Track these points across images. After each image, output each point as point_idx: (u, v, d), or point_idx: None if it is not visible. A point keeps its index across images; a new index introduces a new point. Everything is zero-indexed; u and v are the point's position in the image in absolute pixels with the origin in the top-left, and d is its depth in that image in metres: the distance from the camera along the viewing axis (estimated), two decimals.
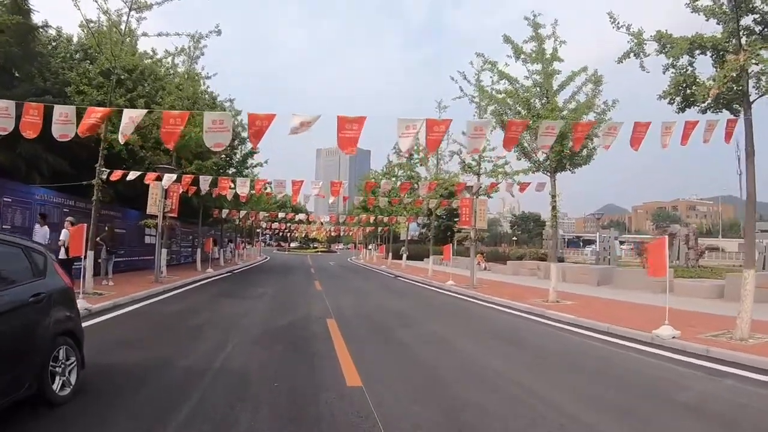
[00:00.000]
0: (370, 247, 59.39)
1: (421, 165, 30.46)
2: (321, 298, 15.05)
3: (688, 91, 10.50)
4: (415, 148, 32.73)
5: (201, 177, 18.20)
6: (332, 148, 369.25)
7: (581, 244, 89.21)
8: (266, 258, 51.40)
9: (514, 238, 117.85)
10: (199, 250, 26.31)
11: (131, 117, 10.76)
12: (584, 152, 15.66)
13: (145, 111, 11.70)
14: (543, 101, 15.91)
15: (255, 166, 31.84)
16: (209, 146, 10.83)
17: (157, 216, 18.09)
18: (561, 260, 45.98)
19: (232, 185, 21.40)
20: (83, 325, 5.85)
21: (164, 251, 20.17)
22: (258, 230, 55.99)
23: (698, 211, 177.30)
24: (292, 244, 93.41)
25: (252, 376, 6.10)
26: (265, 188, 29.18)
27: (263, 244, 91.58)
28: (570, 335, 10.03)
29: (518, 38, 15.67)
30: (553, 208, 15.95)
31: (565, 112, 15.55)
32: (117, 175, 16.06)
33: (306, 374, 6.18)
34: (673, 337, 9.01)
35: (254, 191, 27.13)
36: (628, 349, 8.62)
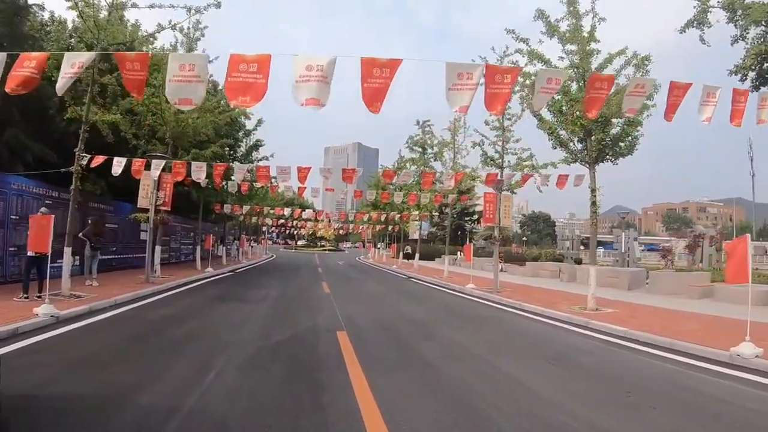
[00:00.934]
0: (378, 245, 57.69)
1: (436, 159, 28.73)
2: (329, 303, 13.28)
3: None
4: (429, 142, 31.31)
5: (194, 164, 16.32)
6: (340, 146, 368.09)
7: (612, 246, 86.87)
8: (272, 256, 49.71)
9: (524, 239, 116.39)
10: (198, 248, 24.60)
11: (75, 63, 8.42)
12: (628, 140, 14.11)
13: (92, 55, 9.32)
14: (580, 84, 14.27)
15: (261, 160, 30.14)
16: (172, 101, 8.53)
17: (148, 209, 16.38)
18: (578, 262, 44.35)
19: (232, 178, 19.73)
20: (42, 336, 4.10)
21: (158, 249, 18.49)
22: (264, 228, 54.24)
23: (708, 213, 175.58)
24: (299, 243, 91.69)
25: (235, 425, 4.33)
26: (270, 182, 27.53)
27: (270, 242, 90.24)
28: (628, 353, 8.27)
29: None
30: (593, 203, 14.21)
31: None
32: (99, 160, 14.29)
33: (313, 424, 4.39)
34: (757, 356, 7.29)
35: (256, 182, 25.48)
36: (707, 372, 7.00)
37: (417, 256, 33.56)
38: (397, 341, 8.53)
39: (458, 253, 44.38)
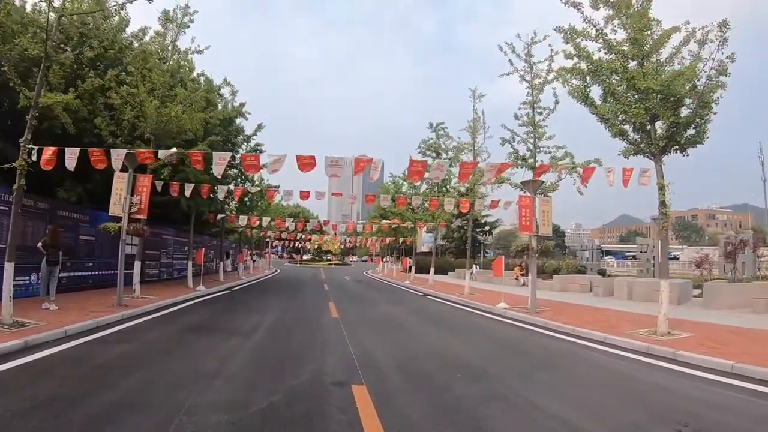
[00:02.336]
0: (386, 259, 54.79)
1: (452, 165, 25.98)
2: (339, 334, 10.43)
3: None
4: (443, 146, 28.63)
5: (161, 152, 13.50)
6: (345, 159, 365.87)
7: (623, 256, 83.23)
8: (275, 271, 46.86)
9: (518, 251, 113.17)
10: (189, 264, 21.84)
11: None
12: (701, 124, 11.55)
13: None
14: (638, 60, 11.89)
15: (261, 168, 27.43)
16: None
17: (121, 218, 13.67)
18: (602, 273, 41.41)
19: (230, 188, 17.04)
20: None
21: (137, 264, 15.83)
22: (267, 241, 51.47)
23: (718, 219, 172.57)
24: (305, 257, 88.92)
25: None
26: (261, 180, 24.97)
27: (275, 256, 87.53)
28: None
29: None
30: (662, 203, 11.53)
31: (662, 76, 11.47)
32: (48, 151, 11.60)
33: None
34: None
35: (244, 173, 23.02)
36: None
37: (432, 270, 30.61)
38: (448, 407, 5.60)
39: (474, 266, 41.65)
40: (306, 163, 12.51)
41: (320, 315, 13.89)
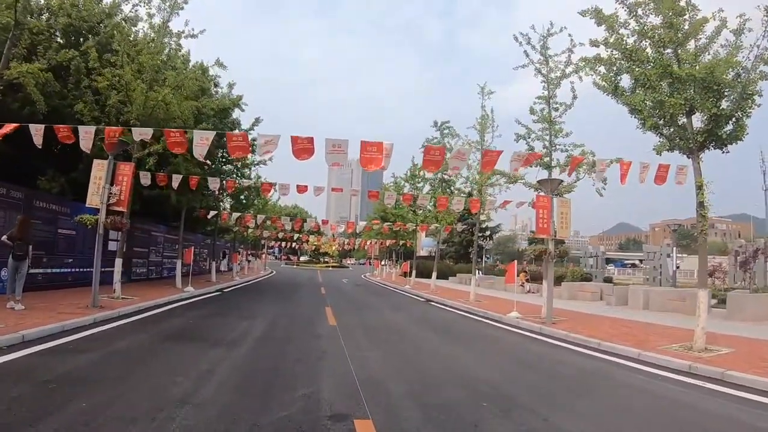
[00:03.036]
0: (384, 263, 53.40)
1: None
2: (337, 347, 9.04)
3: None
4: (448, 145, 27.36)
5: (134, 129, 12.13)
6: (345, 161, 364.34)
7: (623, 263, 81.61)
8: (271, 273, 45.44)
9: (530, 257, 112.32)
10: (178, 263, 20.52)
11: None
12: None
13: None
14: (673, 48, 10.71)
15: (257, 164, 26.20)
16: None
17: (99, 210, 12.35)
18: (607, 280, 40.16)
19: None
20: None
21: (118, 262, 14.52)
22: (263, 242, 50.06)
23: (717, 229, 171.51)
24: (302, 258, 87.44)
25: None
26: (258, 178, 23.72)
27: (272, 257, 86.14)
28: None
29: None
30: (701, 204, 10.33)
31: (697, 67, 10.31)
32: (8, 128, 10.28)
33: None
34: None
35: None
36: None
37: (434, 275, 29.31)
38: None
39: (477, 271, 40.39)
40: (302, 149, 10.92)
41: (316, 322, 12.55)
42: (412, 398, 5.82)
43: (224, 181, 17.58)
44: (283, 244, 54.54)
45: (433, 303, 21.09)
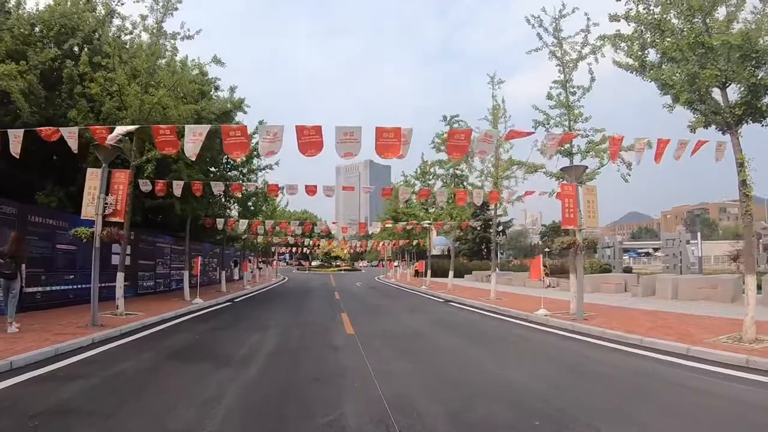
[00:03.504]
0: (397, 264, 52.46)
1: (465, 163, 23.75)
2: (358, 360, 8.15)
3: None
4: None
5: (118, 128, 11.17)
6: (351, 164, 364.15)
7: (636, 252, 79.95)
8: (283, 279, 44.66)
9: (547, 249, 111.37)
10: (186, 274, 19.72)
11: None
12: None
13: None
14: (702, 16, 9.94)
15: (263, 169, 25.39)
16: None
17: (95, 221, 11.55)
18: (628, 270, 39.09)
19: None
20: None
21: (120, 276, 13.70)
22: (273, 248, 49.27)
23: (729, 213, 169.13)
24: (313, 263, 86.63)
25: None
26: (265, 184, 22.91)
27: (284, 263, 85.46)
28: None
29: None
30: (743, 183, 9.48)
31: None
32: None
33: None
34: None
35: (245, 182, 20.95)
36: None
37: (451, 274, 28.35)
38: None
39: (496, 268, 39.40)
40: (309, 143, 9.66)
41: (333, 331, 11.67)
42: (451, 420, 4.93)
43: (228, 185, 16.68)
44: (294, 249, 53.64)
45: (452, 303, 20.17)
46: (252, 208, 28.41)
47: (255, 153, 21.28)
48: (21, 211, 13.59)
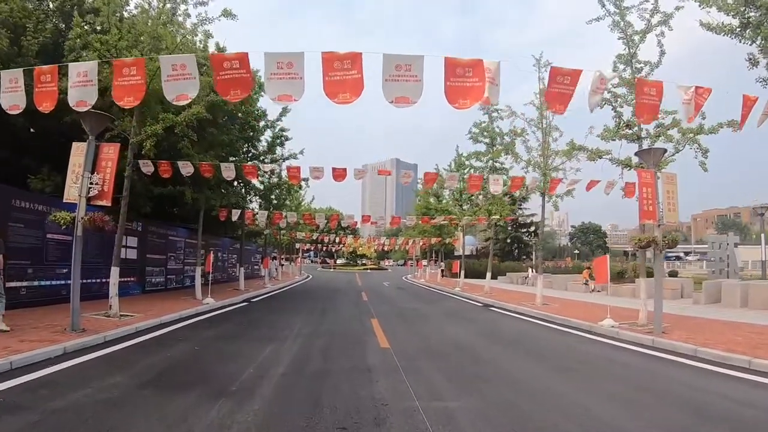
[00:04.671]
0: (425, 263, 50.07)
1: (507, 153, 21.39)
2: (401, 392, 5.93)
3: None
4: (497, 130, 24.22)
5: (72, 65, 9.25)
6: (378, 163, 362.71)
7: (666, 257, 76.33)
8: (307, 277, 42.65)
9: (576, 251, 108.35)
10: (198, 271, 17.75)
11: None
12: None
13: None
14: None
15: (287, 159, 23.45)
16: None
17: (77, 204, 9.57)
18: (674, 275, 36.31)
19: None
20: None
21: (115, 271, 11.83)
22: (297, 245, 47.33)
23: (765, 218, 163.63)
24: (339, 261, 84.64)
25: None
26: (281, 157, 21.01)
27: (308, 261, 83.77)
28: None
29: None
30: None
31: None
32: None
33: None
34: None
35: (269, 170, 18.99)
36: None
37: (489, 275, 26.01)
38: None
39: (529, 270, 37.01)
40: (342, 80, 7.04)
41: (363, 344, 9.47)
42: None
43: (240, 167, 14.42)
44: (319, 246, 51.68)
45: (493, 309, 17.89)
46: (275, 201, 26.45)
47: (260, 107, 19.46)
48: (3, 194, 11.75)
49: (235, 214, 20.30)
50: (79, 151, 9.70)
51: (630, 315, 13.08)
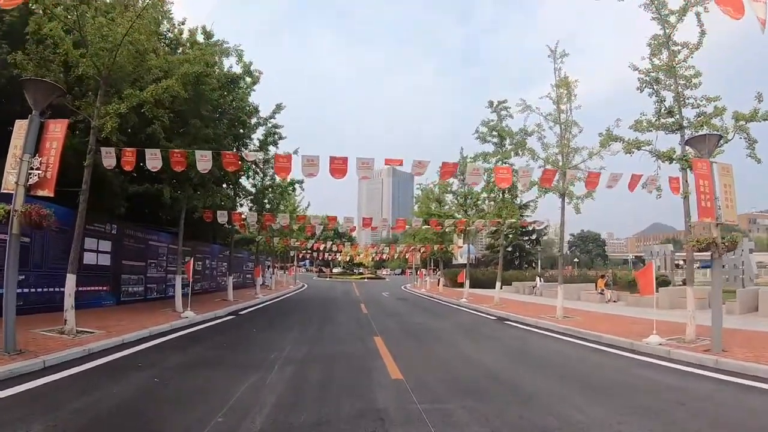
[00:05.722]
0: (424, 273, 48.03)
1: (518, 154, 19.50)
2: None
3: None
4: (506, 129, 22.46)
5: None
6: (375, 171, 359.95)
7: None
8: (302, 287, 40.53)
9: (576, 260, 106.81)
10: (178, 280, 15.76)
11: None
12: None
13: None
14: None
15: (275, 140, 21.44)
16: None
17: (14, 194, 7.67)
18: (666, 284, 34.62)
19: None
20: None
21: (70, 279, 9.85)
22: (291, 252, 45.20)
23: (759, 224, 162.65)
24: (335, 270, 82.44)
25: None
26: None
27: (304, 270, 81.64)
28: None
29: None
30: None
31: None
32: None
33: None
34: None
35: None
36: None
37: (498, 285, 24.07)
38: None
39: (537, 279, 35.16)
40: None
41: (368, 373, 7.49)
42: None
43: (219, 155, 12.24)
44: (315, 255, 49.51)
45: (510, 323, 15.99)
46: (268, 205, 24.52)
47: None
48: None
49: (222, 217, 18.32)
50: (20, 130, 7.84)
51: (668, 329, 11.26)
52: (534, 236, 64.23)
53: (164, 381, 6.76)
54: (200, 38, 15.81)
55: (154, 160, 10.82)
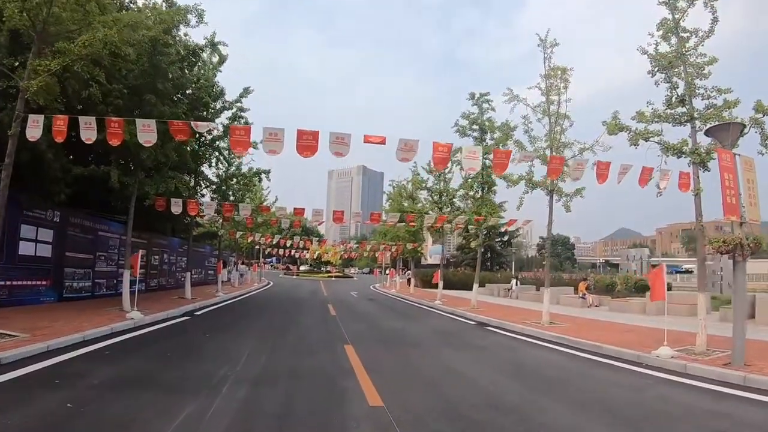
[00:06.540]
0: (394, 273, 46.67)
1: (501, 148, 18.23)
2: None
3: None
4: (488, 123, 21.43)
5: None
6: (344, 170, 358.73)
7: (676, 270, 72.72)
8: (267, 284, 38.75)
9: (544, 263, 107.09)
10: (126, 275, 14.05)
11: None
12: None
13: None
14: None
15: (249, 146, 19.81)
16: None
17: None
18: (668, 287, 34.18)
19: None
20: None
21: None
22: (257, 247, 43.29)
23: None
24: (302, 267, 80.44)
25: None
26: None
27: (270, 267, 79.65)
28: None
29: None
30: None
31: None
32: None
33: None
34: None
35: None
36: None
37: (476, 287, 22.80)
38: None
39: (513, 281, 34.16)
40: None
41: (340, 398, 6.03)
42: None
43: (166, 125, 10.35)
44: (281, 252, 47.60)
45: (493, 329, 14.74)
46: (232, 197, 22.82)
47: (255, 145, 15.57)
48: None
49: (176, 206, 16.60)
50: None
51: (670, 338, 10.12)
52: (506, 237, 63.36)
53: (80, 407, 5.18)
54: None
55: (88, 131, 9.05)
